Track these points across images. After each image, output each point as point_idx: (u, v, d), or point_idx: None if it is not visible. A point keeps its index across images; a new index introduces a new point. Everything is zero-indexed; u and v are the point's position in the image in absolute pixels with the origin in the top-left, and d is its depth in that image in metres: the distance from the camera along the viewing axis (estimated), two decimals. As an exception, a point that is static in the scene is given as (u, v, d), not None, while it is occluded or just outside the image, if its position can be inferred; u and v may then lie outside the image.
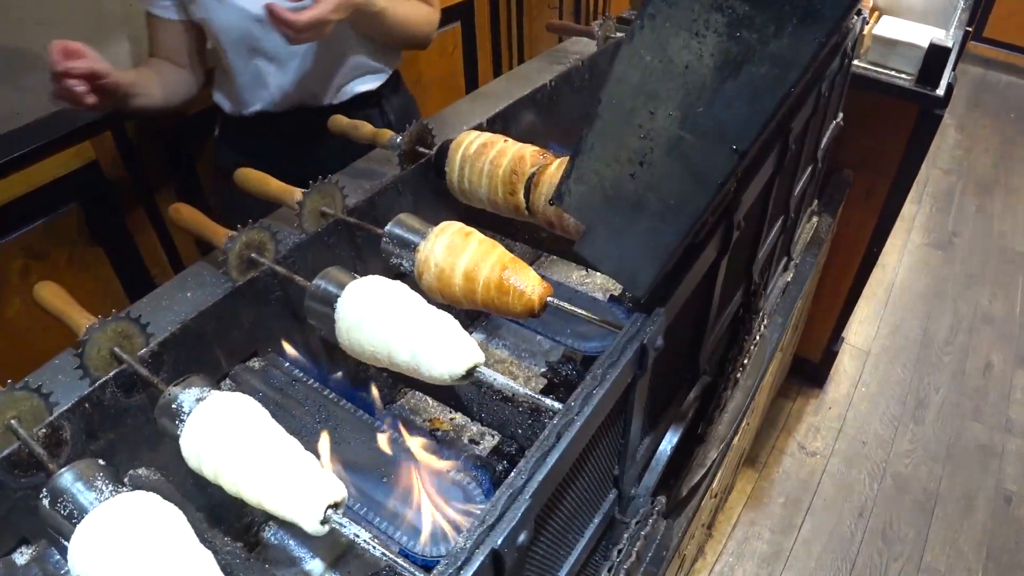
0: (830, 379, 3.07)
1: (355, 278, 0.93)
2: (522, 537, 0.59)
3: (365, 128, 1.38)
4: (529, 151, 1.15)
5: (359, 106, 1.75)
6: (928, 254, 3.85)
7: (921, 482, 2.74)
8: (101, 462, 0.73)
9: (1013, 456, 2.85)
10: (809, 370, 3.02)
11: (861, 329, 3.34)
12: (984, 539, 2.57)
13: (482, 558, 0.55)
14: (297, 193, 1.14)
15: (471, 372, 0.82)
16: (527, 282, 0.90)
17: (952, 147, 4.76)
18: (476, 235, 0.97)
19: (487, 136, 1.20)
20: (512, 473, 0.61)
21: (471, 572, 0.54)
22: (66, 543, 0.68)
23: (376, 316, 0.87)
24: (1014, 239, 3.98)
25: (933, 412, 3.00)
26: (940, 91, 1.99)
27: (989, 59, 5.68)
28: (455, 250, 0.96)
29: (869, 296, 3.42)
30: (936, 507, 2.66)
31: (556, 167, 1.11)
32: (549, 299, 0.90)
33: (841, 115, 1.95)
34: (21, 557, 0.88)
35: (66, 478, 0.71)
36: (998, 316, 3.48)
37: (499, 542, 0.56)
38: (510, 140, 1.19)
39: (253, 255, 1.06)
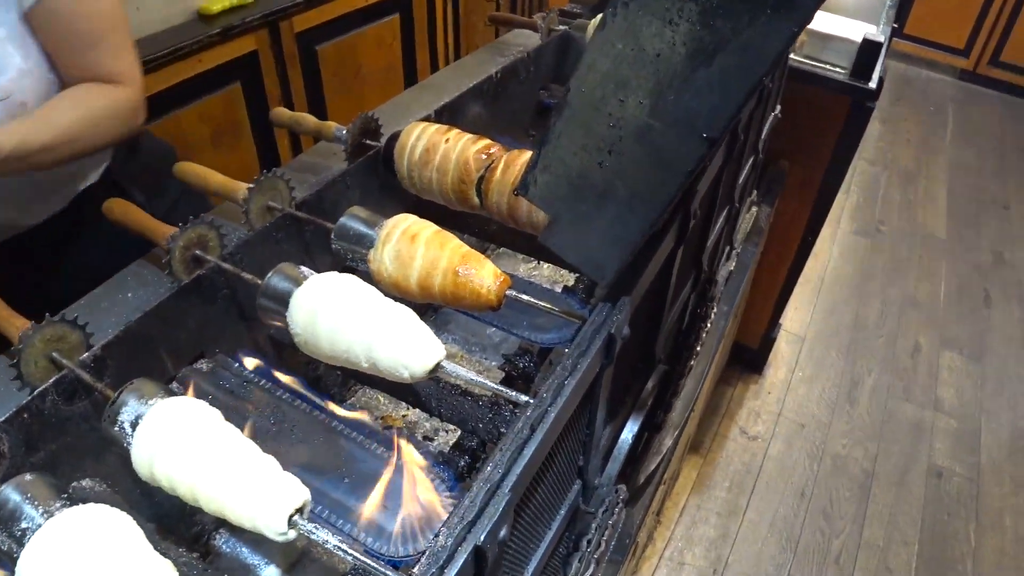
0: (768, 365, 3.14)
1: (308, 275, 0.90)
2: (503, 532, 0.58)
3: (308, 120, 1.35)
4: (472, 153, 1.12)
5: (87, 201, 1.38)
6: (857, 242, 3.98)
7: (858, 461, 2.83)
8: (29, 477, 0.68)
9: (942, 433, 2.97)
10: (748, 356, 3.09)
11: (796, 316, 3.43)
12: (918, 513, 2.68)
13: (465, 555, 0.54)
14: (243, 187, 1.10)
15: (434, 370, 0.80)
16: (483, 281, 0.88)
17: (877, 139, 4.92)
18: (423, 235, 0.93)
19: (429, 135, 1.17)
20: (488, 467, 0.60)
21: (455, 571, 0.53)
22: (11, 567, 0.64)
23: (332, 315, 0.84)
24: (935, 226, 4.15)
25: (866, 394, 3.11)
26: (872, 84, 2.05)
27: (910, 55, 5.90)
28: (404, 261, 0.93)
29: (803, 283, 3.51)
30: (873, 485, 2.75)
31: (502, 171, 1.10)
32: (508, 292, 0.88)
33: (779, 107, 1.99)
34: (-43, 580, 0.83)
35: (6, 495, 0.67)
36: (924, 300, 3.62)
37: (482, 538, 0.55)
38: (452, 135, 1.16)
39: (198, 252, 1.02)
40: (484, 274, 0.87)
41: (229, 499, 0.71)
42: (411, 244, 0.92)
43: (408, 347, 0.80)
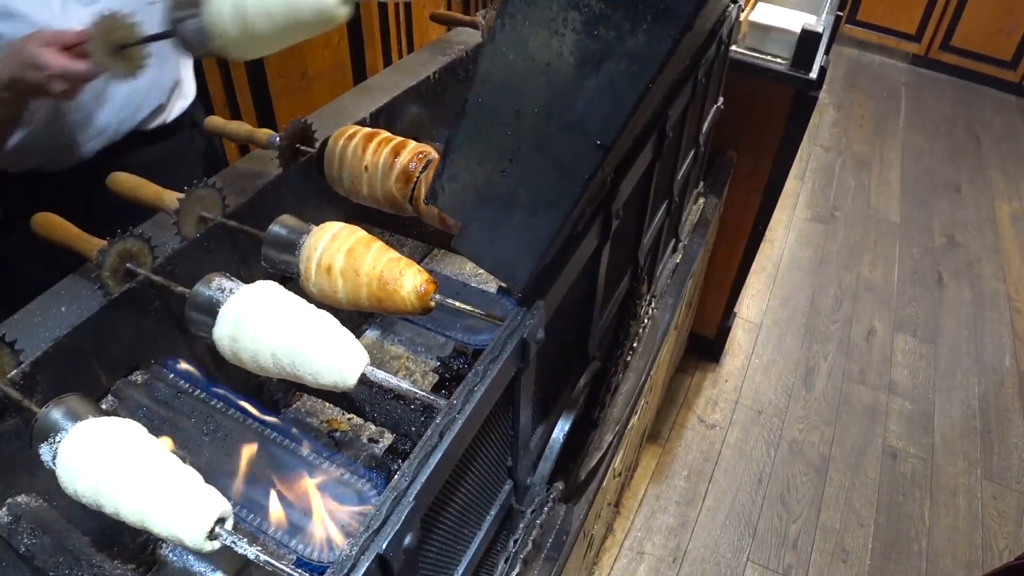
0: (725, 353, 3.18)
1: (237, 285, 0.90)
2: (408, 539, 0.59)
3: (242, 128, 1.34)
4: (394, 180, 1.12)
5: (172, 132, 1.53)
6: (812, 228, 4.03)
7: (814, 446, 2.88)
8: None
9: (896, 415, 3.03)
10: (705, 345, 3.12)
11: (752, 303, 3.48)
12: (874, 495, 2.73)
13: (367, 564, 0.55)
14: (174, 196, 1.10)
15: (360, 379, 0.81)
16: (406, 296, 0.88)
17: (831, 125, 4.99)
18: (336, 265, 0.92)
19: (349, 162, 1.16)
20: (396, 476, 0.61)
21: (357, 579, 0.54)
22: None
23: (254, 331, 0.84)
24: (889, 211, 4.22)
25: (822, 379, 3.16)
26: (813, 74, 2.09)
27: (863, 41, 5.98)
28: (327, 292, 0.93)
29: (758, 271, 3.56)
30: (829, 468, 2.80)
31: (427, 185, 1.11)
32: (436, 297, 0.89)
33: (721, 99, 2.01)
34: None
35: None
36: (878, 284, 3.69)
37: (384, 546, 0.56)
38: (369, 158, 1.14)
39: (129, 265, 1.02)
40: (405, 292, 0.87)
41: (150, 515, 0.71)
42: (328, 277, 0.92)
43: (332, 359, 0.81)
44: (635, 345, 1.25)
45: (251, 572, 1.13)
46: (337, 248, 0.91)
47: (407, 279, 0.86)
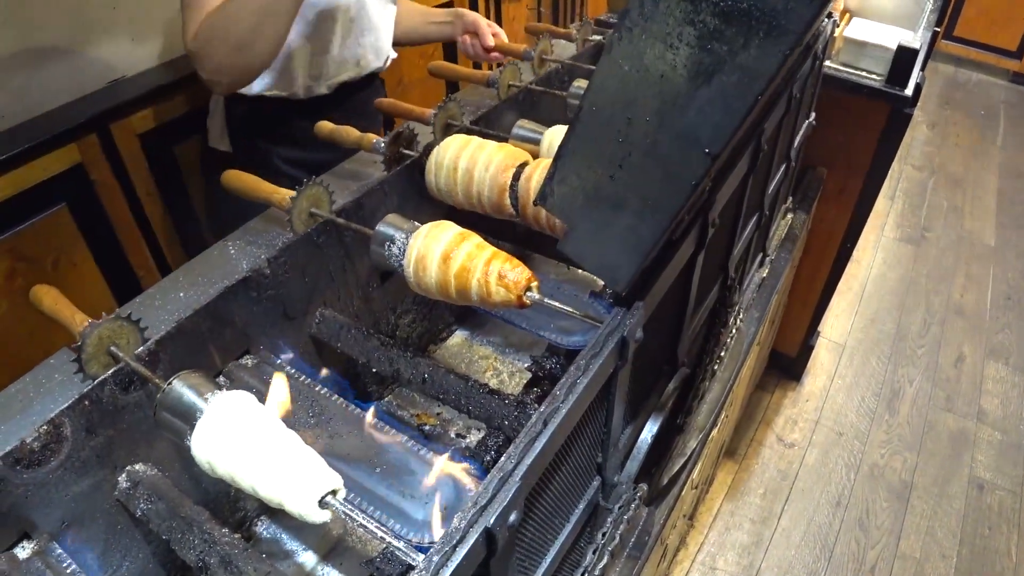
0: (807, 372, 3.13)
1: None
2: (513, 517, 0.62)
3: (352, 133, 1.41)
4: (490, 184, 1.17)
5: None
6: (901, 249, 3.93)
7: (896, 471, 2.81)
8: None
9: (985, 445, 2.93)
10: (786, 364, 3.08)
11: (837, 323, 3.41)
12: (958, 526, 2.64)
13: (475, 537, 0.59)
14: (286, 194, 1.17)
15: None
16: (504, 289, 0.90)
17: (924, 144, 4.85)
18: (436, 258, 0.96)
19: (449, 167, 1.22)
20: (502, 457, 0.65)
21: (465, 550, 0.58)
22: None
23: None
24: (983, 233, 4.07)
25: (907, 403, 3.07)
26: (908, 91, 2.05)
27: (960, 57, 5.79)
28: (428, 284, 0.98)
29: (844, 291, 3.49)
30: (911, 496, 2.73)
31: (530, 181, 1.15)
32: (533, 294, 0.92)
33: (813, 115, 2.00)
34: (23, 551, 0.90)
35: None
36: (969, 309, 3.57)
37: (491, 521, 0.60)
38: (468, 167, 1.20)
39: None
40: (504, 286, 0.90)
41: (269, 482, 0.76)
42: (429, 270, 0.96)
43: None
44: (723, 354, 1.26)
45: (341, 553, 1.18)
46: (438, 243, 0.96)
47: (507, 273, 0.90)
